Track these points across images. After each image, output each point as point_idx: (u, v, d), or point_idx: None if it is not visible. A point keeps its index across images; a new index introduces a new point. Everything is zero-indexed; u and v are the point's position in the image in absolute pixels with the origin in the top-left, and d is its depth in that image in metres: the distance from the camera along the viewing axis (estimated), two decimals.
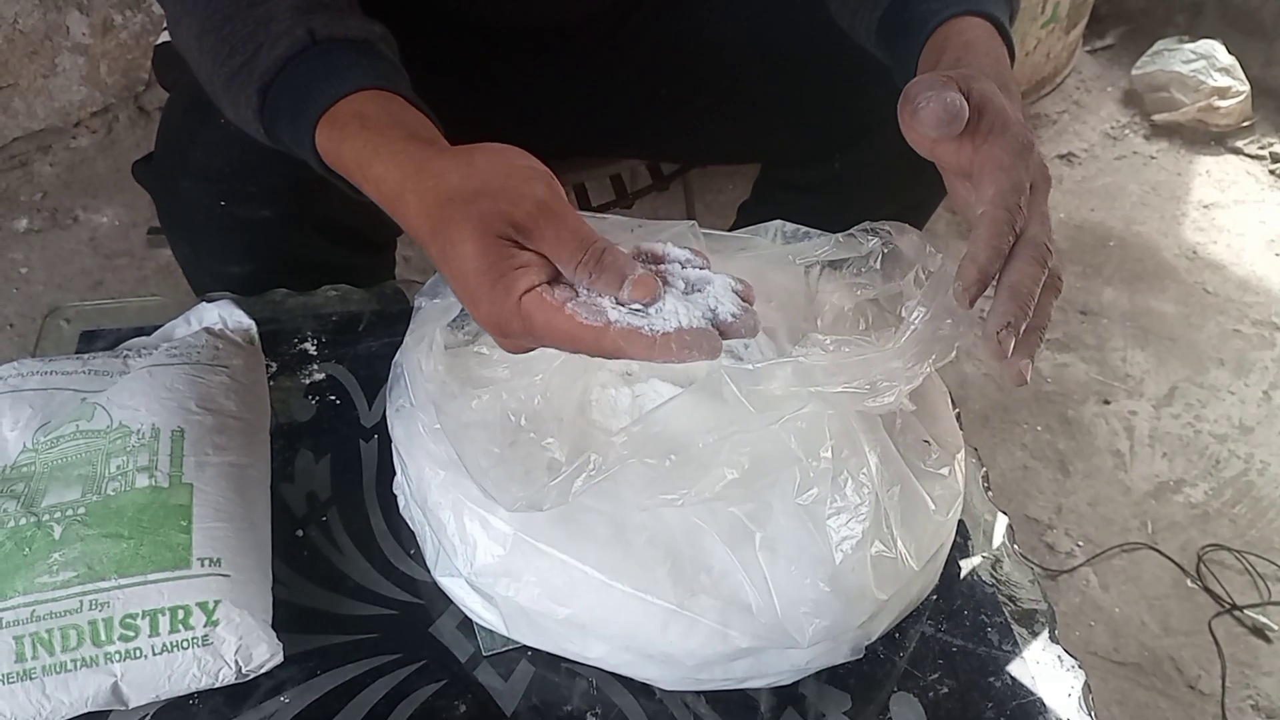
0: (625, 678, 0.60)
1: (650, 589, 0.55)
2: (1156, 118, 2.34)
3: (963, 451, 0.65)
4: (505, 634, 0.60)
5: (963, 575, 0.68)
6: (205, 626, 0.55)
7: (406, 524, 0.65)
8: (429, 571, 0.63)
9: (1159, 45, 2.40)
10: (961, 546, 0.70)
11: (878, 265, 0.64)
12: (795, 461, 0.54)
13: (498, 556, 0.57)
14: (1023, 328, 0.54)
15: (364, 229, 0.91)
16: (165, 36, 1.04)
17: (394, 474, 0.65)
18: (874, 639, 0.59)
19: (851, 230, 0.65)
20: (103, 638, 0.54)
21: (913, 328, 0.54)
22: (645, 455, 0.52)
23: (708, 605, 0.54)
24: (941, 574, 0.67)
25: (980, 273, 0.54)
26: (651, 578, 0.55)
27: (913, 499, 0.58)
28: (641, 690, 0.60)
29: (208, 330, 0.73)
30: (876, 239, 0.64)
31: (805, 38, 0.94)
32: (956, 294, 0.54)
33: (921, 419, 0.63)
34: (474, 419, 0.58)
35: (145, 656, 0.55)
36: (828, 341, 0.54)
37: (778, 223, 0.68)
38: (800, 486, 0.54)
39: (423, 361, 0.60)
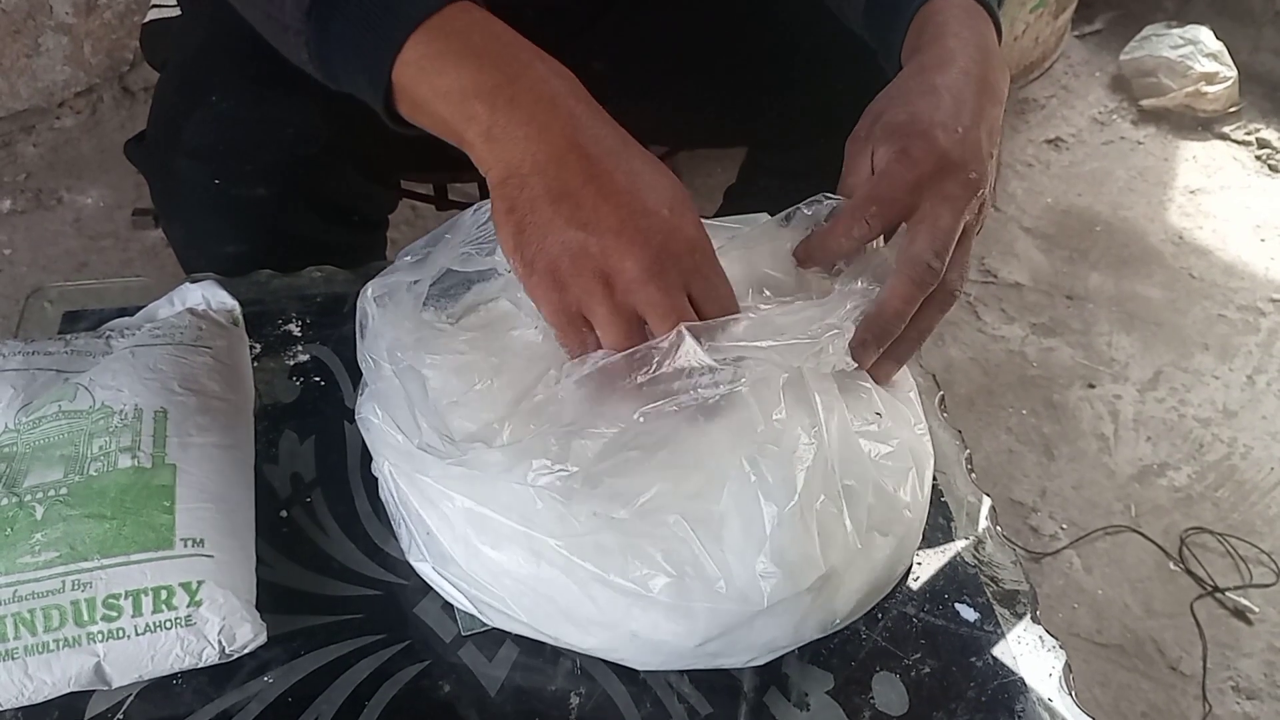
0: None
1: (610, 571, 0.55)
2: (1144, 103, 2.35)
3: (923, 424, 0.66)
4: (481, 618, 0.60)
5: (945, 557, 0.69)
6: (188, 607, 0.55)
7: None
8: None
9: (1147, 30, 2.40)
10: (945, 528, 0.70)
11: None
12: (749, 423, 0.55)
13: (460, 548, 0.57)
14: (887, 343, 0.59)
15: (359, 207, 0.91)
16: (152, 14, 1.03)
17: None
18: (841, 617, 0.59)
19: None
20: (85, 618, 0.54)
21: (845, 289, 0.60)
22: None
23: (666, 581, 0.54)
24: (925, 556, 0.68)
25: (876, 338, 0.59)
26: (611, 561, 0.55)
27: (862, 470, 0.59)
28: (625, 672, 0.60)
29: (191, 311, 0.72)
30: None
31: (793, 20, 0.93)
32: (854, 353, 0.59)
33: (884, 401, 0.63)
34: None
35: (128, 637, 0.54)
36: (774, 306, 0.58)
37: (764, 215, 0.68)
38: (751, 446, 0.55)
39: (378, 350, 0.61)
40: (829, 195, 0.63)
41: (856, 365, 0.60)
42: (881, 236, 0.62)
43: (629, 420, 0.55)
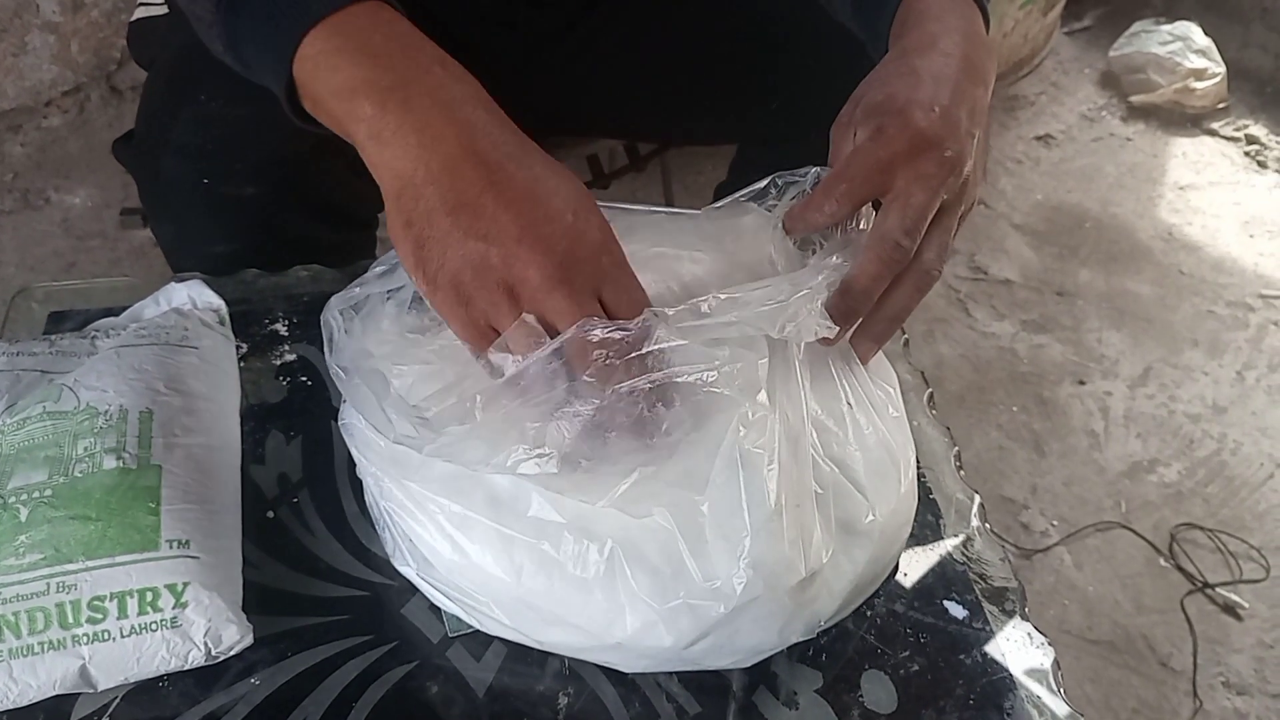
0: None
1: (593, 579, 0.55)
2: (1133, 99, 2.35)
3: (904, 419, 0.66)
4: (467, 621, 0.60)
5: (934, 554, 0.69)
6: (174, 608, 0.55)
7: None
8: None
9: (1136, 27, 2.41)
10: (934, 526, 0.70)
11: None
12: (734, 406, 0.55)
13: (442, 555, 0.57)
14: (854, 320, 0.59)
15: (348, 206, 0.91)
16: (139, 12, 1.02)
17: None
18: (825, 618, 0.59)
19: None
20: (70, 620, 0.54)
21: (817, 260, 0.59)
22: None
23: (648, 589, 0.54)
24: (913, 554, 0.68)
25: (843, 314, 0.58)
26: (593, 569, 0.55)
27: (843, 468, 0.59)
28: (613, 672, 0.60)
29: (177, 311, 0.72)
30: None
31: (782, 16, 0.93)
32: (829, 313, 0.58)
33: (866, 397, 0.63)
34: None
35: (113, 639, 0.54)
36: (746, 286, 0.57)
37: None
38: (730, 438, 0.55)
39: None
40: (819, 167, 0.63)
41: (830, 332, 0.59)
42: (870, 215, 0.61)
43: (603, 399, 0.54)
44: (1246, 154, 2.28)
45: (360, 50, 0.53)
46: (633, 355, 0.52)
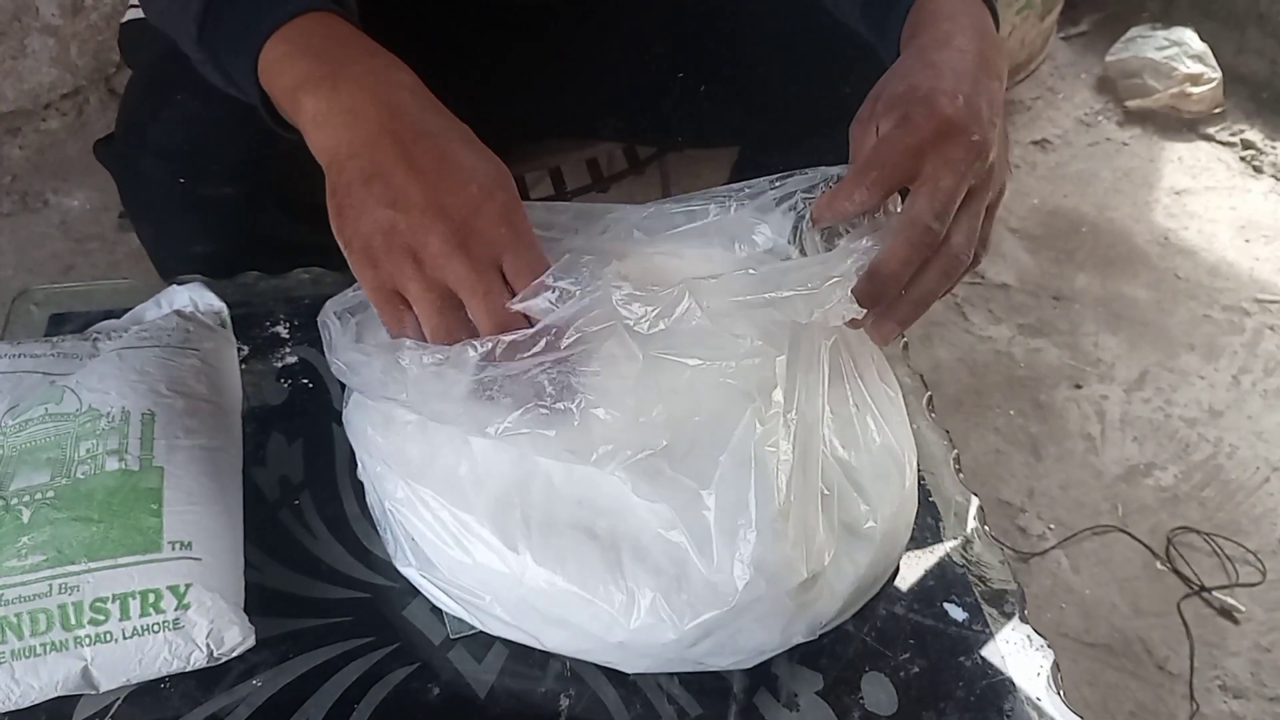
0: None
1: (593, 577, 0.55)
2: (1129, 104, 2.36)
3: (906, 422, 0.66)
4: (469, 621, 0.60)
5: (934, 557, 0.69)
6: (176, 610, 0.55)
7: None
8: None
9: (1132, 32, 2.41)
10: (933, 528, 0.70)
11: None
12: (748, 401, 0.55)
13: (443, 556, 0.57)
14: (881, 304, 0.59)
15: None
16: (130, 14, 1.02)
17: None
18: (827, 619, 0.59)
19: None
20: (72, 621, 0.54)
21: (846, 243, 0.59)
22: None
23: (650, 590, 0.54)
24: (913, 556, 0.68)
25: (870, 298, 0.57)
26: (594, 569, 0.55)
27: (846, 470, 0.59)
28: (615, 674, 0.60)
29: (178, 313, 0.72)
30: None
31: (788, 19, 0.93)
32: (856, 296, 0.57)
33: (869, 399, 0.63)
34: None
35: (115, 640, 0.54)
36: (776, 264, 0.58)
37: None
38: (751, 427, 0.55)
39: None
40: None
41: (857, 314, 0.59)
42: (897, 203, 0.61)
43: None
44: (1242, 159, 2.29)
45: (303, 51, 0.59)
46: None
